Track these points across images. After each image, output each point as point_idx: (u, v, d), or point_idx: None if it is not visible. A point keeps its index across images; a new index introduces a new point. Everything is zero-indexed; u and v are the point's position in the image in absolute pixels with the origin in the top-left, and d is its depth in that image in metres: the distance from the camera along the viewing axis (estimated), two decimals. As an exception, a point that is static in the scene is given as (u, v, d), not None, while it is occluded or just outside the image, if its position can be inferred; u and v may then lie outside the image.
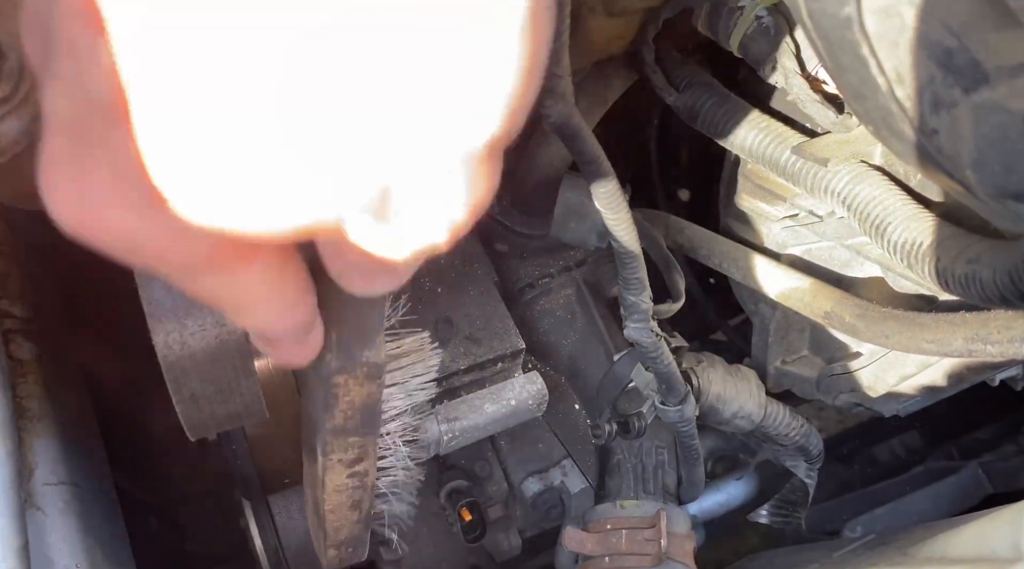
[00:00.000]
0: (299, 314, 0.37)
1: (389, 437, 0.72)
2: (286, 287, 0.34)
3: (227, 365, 0.68)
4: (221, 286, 0.32)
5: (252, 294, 0.33)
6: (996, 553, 0.70)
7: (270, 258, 0.32)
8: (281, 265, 0.33)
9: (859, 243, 0.92)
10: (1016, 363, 1.02)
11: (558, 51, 0.60)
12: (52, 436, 0.83)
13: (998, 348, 0.71)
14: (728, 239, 1.03)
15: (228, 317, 0.36)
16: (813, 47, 0.60)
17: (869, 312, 0.86)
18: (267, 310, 0.35)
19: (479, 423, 0.95)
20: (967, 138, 0.53)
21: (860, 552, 0.99)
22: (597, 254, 1.12)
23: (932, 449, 1.52)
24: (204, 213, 0.27)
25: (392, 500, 0.84)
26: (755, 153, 0.87)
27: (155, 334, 0.65)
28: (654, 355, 0.93)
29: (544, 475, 1.10)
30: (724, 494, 1.32)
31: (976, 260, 0.67)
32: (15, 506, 0.70)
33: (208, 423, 0.71)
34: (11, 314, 0.86)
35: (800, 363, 1.10)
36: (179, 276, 0.31)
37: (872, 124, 0.61)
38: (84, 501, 0.84)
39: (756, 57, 0.82)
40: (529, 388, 0.97)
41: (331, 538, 0.70)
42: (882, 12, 0.51)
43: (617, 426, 1.04)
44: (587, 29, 0.88)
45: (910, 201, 0.76)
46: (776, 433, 1.07)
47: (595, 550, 1.01)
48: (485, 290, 0.98)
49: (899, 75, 0.53)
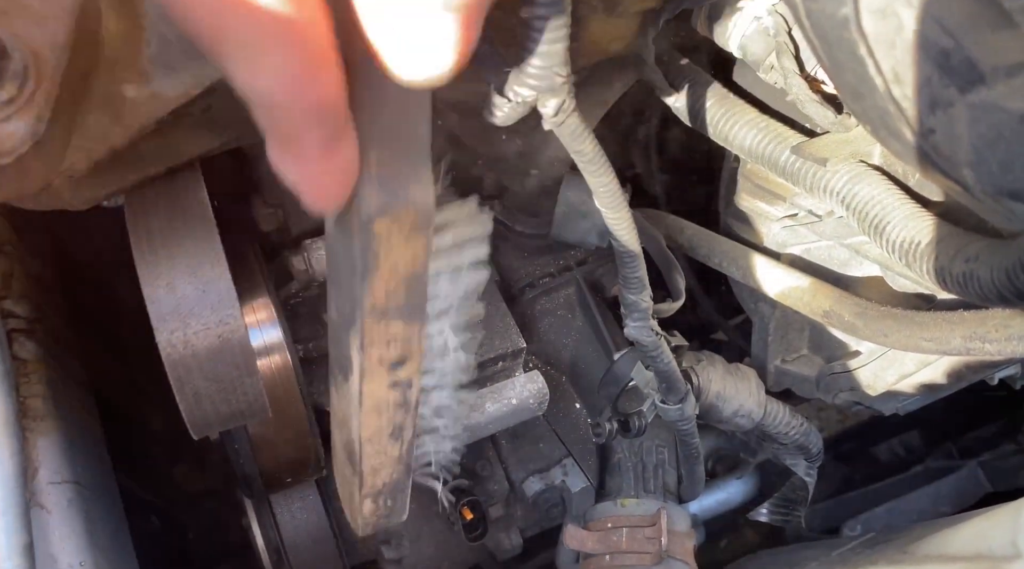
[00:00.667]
0: (321, 88, 0.31)
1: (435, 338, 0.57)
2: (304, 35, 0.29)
3: (230, 363, 0.68)
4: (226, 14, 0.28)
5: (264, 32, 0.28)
6: (994, 551, 0.71)
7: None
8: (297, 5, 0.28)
9: (858, 242, 0.92)
10: (1015, 361, 1.02)
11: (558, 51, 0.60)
12: (56, 435, 0.84)
13: (996, 346, 0.71)
14: (728, 238, 1.03)
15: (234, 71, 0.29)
16: (811, 47, 0.60)
17: (868, 311, 0.86)
18: (279, 60, 0.29)
19: (480, 422, 0.95)
20: (964, 137, 0.54)
21: (859, 550, 0.99)
22: (598, 253, 1.13)
23: (931, 448, 1.52)
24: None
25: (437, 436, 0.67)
26: (754, 153, 0.87)
27: (158, 333, 0.66)
28: (654, 354, 0.93)
29: (545, 474, 1.11)
30: (724, 493, 1.32)
31: (974, 259, 0.67)
32: (20, 505, 0.70)
33: (211, 421, 0.72)
34: (14, 314, 0.87)
35: (800, 362, 1.10)
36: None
37: (870, 124, 0.62)
38: (87, 500, 0.85)
39: (755, 57, 0.83)
40: (530, 387, 0.97)
41: (368, 483, 0.58)
42: (879, 12, 0.52)
43: (618, 425, 1.05)
44: (587, 29, 0.88)
45: (908, 200, 0.76)
46: (776, 432, 1.08)
47: (596, 548, 1.02)
48: (486, 289, 0.99)
49: (896, 75, 0.54)
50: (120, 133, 0.61)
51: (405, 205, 0.38)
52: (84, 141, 0.61)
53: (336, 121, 0.33)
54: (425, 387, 0.59)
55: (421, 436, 0.64)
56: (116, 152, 0.63)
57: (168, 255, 0.65)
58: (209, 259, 0.66)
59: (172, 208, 0.67)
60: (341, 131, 0.34)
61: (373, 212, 0.38)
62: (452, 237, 0.51)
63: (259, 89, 0.31)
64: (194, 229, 0.66)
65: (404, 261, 0.41)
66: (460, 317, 0.57)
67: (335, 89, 0.31)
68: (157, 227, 0.66)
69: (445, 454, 0.68)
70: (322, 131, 0.33)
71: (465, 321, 0.57)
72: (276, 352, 0.85)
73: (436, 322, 0.56)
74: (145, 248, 0.65)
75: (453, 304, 0.56)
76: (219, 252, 0.66)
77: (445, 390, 0.62)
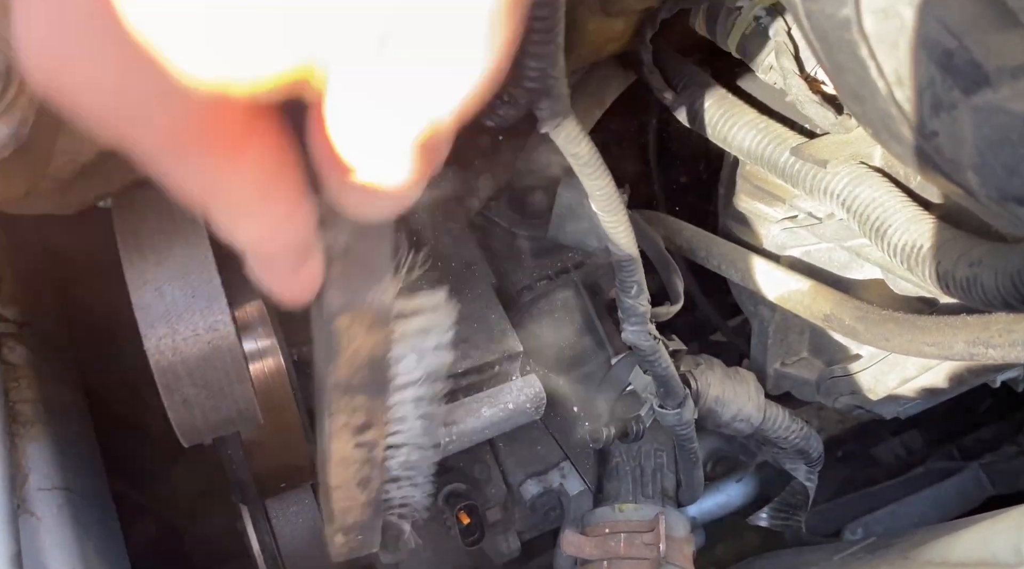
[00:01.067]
0: (294, 229, 0.33)
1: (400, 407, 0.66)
2: (280, 191, 0.31)
3: (220, 370, 0.67)
4: (209, 174, 0.29)
5: (244, 190, 0.30)
6: (997, 557, 0.70)
7: (263, 151, 0.30)
8: (276, 163, 0.30)
9: (859, 245, 0.91)
10: (1018, 365, 1.01)
11: (554, 52, 0.59)
12: (46, 441, 0.83)
13: (999, 352, 0.70)
14: (727, 241, 1.02)
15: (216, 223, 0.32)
16: (811, 48, 0.59)
17: (869, 314, 0.85)
18: (258, 216, 0.32)
19: (477, 426, 0.94)
20: (967, 140, 0.53)
21: (860, 555, 0.98)
22: (595, 256, 1.12)
23: (933, 450, 1.51)
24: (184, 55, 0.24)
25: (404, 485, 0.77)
26: (754, 154, 0.86)
27: (147, 339, 0.65)
28: (652, 358, 0.92)
29: (543, 478, 1.10)
30: (724, 496, 1.31)
31: (977, 263, 0.66)
32: (8, 512, 0.69)
33: (201, 429, 0.71)
34: (4, 317, 0.86)
35: (800, 365, 1.09)
36: (163, 155, 0.28)
37: (871, 126, 0.60)
38: (79, 506, 0.84)
39: (754, 58, 0.82)
40: (527, 391, 0.96)
41: (338, 521, 0.66)
42: (881, 13, 0.51)
43: (616, 429, 1.04)
44: (584, 30, 0.88)
45: (910, 203, 0.75)
46: (776, 436, 1.07)
47: (593, 554, 1.01)
48: (483, 293, 0.98)
49: (898, 77, 0.53)
50: (107, 136, 0.60)
51: (364, 305, 0.45)
52: (70, 145, 0.60)
53: (304, 251, 0.36)
54: (393, 445, 0.67)
55: (390, 484, 0.72)
56: (103, 156, 0.62)
57: (157, 260, 0.64)
58: (198, 263, 0.65)
59: (161, 211, 0.66)
60: (308, 256, 0.37)
61: (335, 311, 0.44)
62: (419, 323, 0.59)
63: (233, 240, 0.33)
64: (183, 233, 0.65)
65: (365, 348, 0.48)
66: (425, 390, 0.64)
67: (306, 229, 0.34)
68: (146, 231, 0.65)
69: (414, 499, 0.77)
70: (291, 259, 0.36)
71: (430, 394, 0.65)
72: (268, 356, 0.84)
73: (400, 393, 0.63)
74: (133, 252, 0.64)
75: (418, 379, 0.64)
76: (208, 256, 0.65)
77: (412, 448, 0.69)
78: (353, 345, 0.48)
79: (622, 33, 0.92)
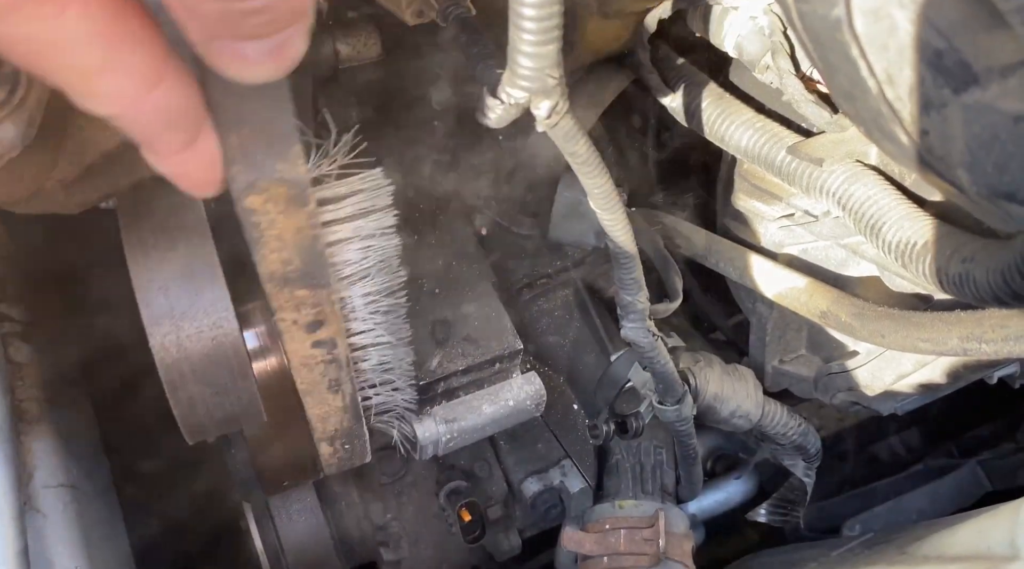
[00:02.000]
0: (162, 93, 0.32)
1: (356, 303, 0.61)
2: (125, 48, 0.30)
3: (224, 368, 0.68)
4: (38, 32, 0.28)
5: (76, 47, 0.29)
6: (993, 551, 0.70)
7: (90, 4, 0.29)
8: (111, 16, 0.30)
9: (855, 242, 0.92)
10: (1013, 361, 1.02)
11: (552, 53, 0.59)
12: (51, 439, 0.84)
13: (993, 347, 0.71)
14: (725, 239, 1.03)
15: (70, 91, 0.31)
16: (803, 48, 0.60)
17: (865, 311, 0.86)
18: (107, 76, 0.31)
19: (477, 424, 0.95)
20: (958, 139, 0.53)
21: (859, 551, 0.99)
22: (595, 254, 1.13)
23: (931, 447, 1.52)
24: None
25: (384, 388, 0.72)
26: (751, 153, 0.87)
27: (152, 337, 0.65)
28: (651, 355, 0.93)
29: (543, 475, 1.11)
30: (723, 493, 1.32)
31: (970, 260, 0.67)
32: (14, 509, 0.70)
33: (206, 426, 0.71)
34: (8, 317, 0.86)
35: (798, 362, 1.10)
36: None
37: (863, 125, 0.61)
38: (84, 503, 0.85)
39: (750, 57, 0.82)
40: (527, 389, 0.97)
41: (319, 429, 0.62)
42: (872, 13, 0.52)
43: (615, 426, 1.04)
44: (583, 30, 0.88)
45: (905, 201, 0.76)
46: (774, 432, 1.07)
47: (594, 550, 1.02)
48: (483, 291, 0.98)
49: (889, 76, 0.53)
50: (112, 137, 0.61)
51: (273, 180, 0.41)
52: (76, 145, 0.61)
53: (186, 121, 0.35)
54: (361, 345, 0.62)
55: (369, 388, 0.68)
56: (108, 157, 0.62)
57: (161, 259, 0.65)
58: (202, 262, 0.65)
59: (165, 210, 0.67)
60: (196, 128, 0.36)
61: (241, 189, 0.41)
62: (353, 207, 0.54)
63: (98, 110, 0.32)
64: (187, 231, 0.66)
65: (288, 231, 0.44)
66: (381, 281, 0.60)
67: (175, 96, 0.33)
68: (150, 230, 0.66)
69: (398, 403, 0.71)
70: (175, 132, 0.35)
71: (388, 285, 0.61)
72: (272, 354, 0.85)
73: (353, 287, 0.59)
74: (138, 251, 0.65)
75: (369, 269, 0.59)
76: (212, 254, 0.66)
77: (385, 347, 0.65)
78: (275, 229, 0.44)
79: (620, 33, 0.93)
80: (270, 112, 0.38)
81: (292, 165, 0.41)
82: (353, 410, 0.63)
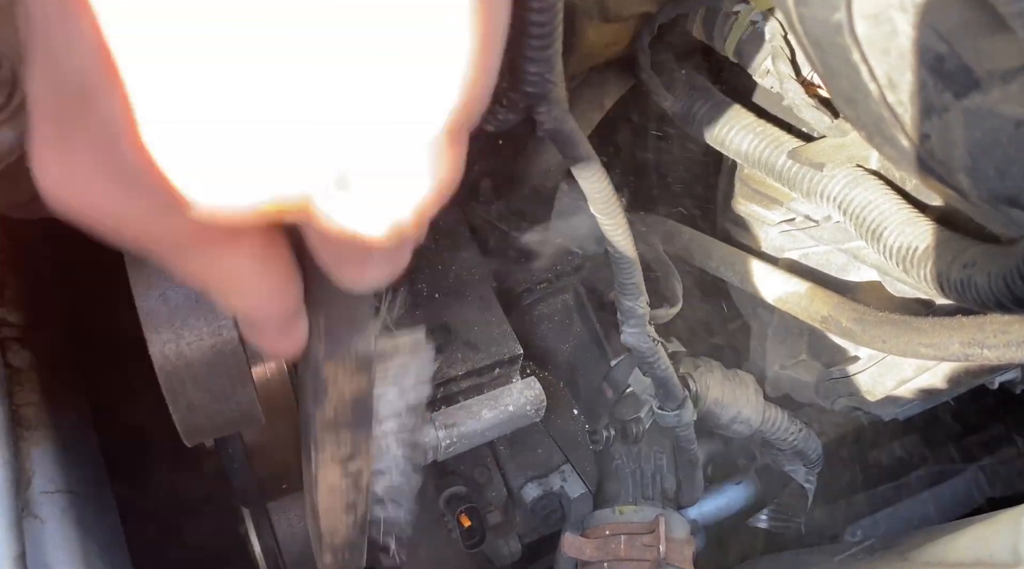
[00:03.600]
0: (284, 300, 0.38)
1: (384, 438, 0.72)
2: (271, 272, 0.35)
3: (223, 373, 0.68)
4: (208, 266, 0.33)
5: (238, 276, 0.34)
6: (995, 558, 0.70)
7: (255, 242, 0.33)
8: (266, 250, 0.34)
9: (856, 247, 0.91)
10: (1014, 366, 1.02)
11: (552, 57, 0.59)
12: (49, 444, 0.83)
13: (995, 352, 0.71)
14: (725, 244, 1.03)
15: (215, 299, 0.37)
16: (804, 53, 0.60)
17: (866, 316, 0.86)
18: (253, 293, 0.36)
19: (477, 429, 0.95)
20: (959, 143, 0.53)
21: (860, 556, 0.99)
22: (595, 259, 1.12)
23: (932, 452, 1.51)
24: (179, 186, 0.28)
25: (389, 506, 0.84)
26: (751, 158, 0.87)
27: (151, 344, 0.65)
28: (651, 360, 0.93)
29: (543, 480, 1.10)
30: (724, 498, 1.32)
31: (971, 265, 0.66)
32: (12, 515, 0.70)
33: (205, 430, 0.71)
34: (8, 322, 0.86)
35: (798, 367, 1.10)
36: (168, 255, 0.32)
37: (864, 130, 0.61)
38: (82, 509, 0.84)
39: (751, 62, 0.82)
40: (527, 394, 0.97)
41: (326, 542, 0.69)
42: (873, 18, 0.51)
43: (615, 431, 1.04)
44: (582, 35, 0.88)
45: (906, 205, 0.76)
46: (775, 438, 1.07)
47: (594, 556, 1.01)
48: (483, 296, 0.98)
49: (890, 81, 0.53)
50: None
51: (348, 353, 0.47)
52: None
53: (293, 316, 0.40)
54: (378, 471, 0.72)
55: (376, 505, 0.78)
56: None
57: (160, 265, 0.64)
58: (202, 268, 0.65)
59: (164, 216, 0.66)
60: (297, 317, 0.41)
61: (321, 358, 0.47)
62: (399, 362, 0.63)
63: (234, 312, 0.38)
64: (186, 237, 0.66)
65: (350, 390, 0.51)
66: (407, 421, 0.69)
67: (294, 299, 0.38)
68: (149, 236, 0.66)
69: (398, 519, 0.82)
70: (282, 324, 0.40)
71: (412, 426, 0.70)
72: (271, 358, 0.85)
73: (383, 425, 0.68)
74: (137, 258, 0.65)
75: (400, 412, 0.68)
76: (212, 260, 0.65)
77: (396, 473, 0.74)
78: (338, 388, 0.50)
79: (620, 38, 0.92)
80: (356, 300, 0.44)
81: (365, 341, 0.47)
82: (361, 526, 0.69)
